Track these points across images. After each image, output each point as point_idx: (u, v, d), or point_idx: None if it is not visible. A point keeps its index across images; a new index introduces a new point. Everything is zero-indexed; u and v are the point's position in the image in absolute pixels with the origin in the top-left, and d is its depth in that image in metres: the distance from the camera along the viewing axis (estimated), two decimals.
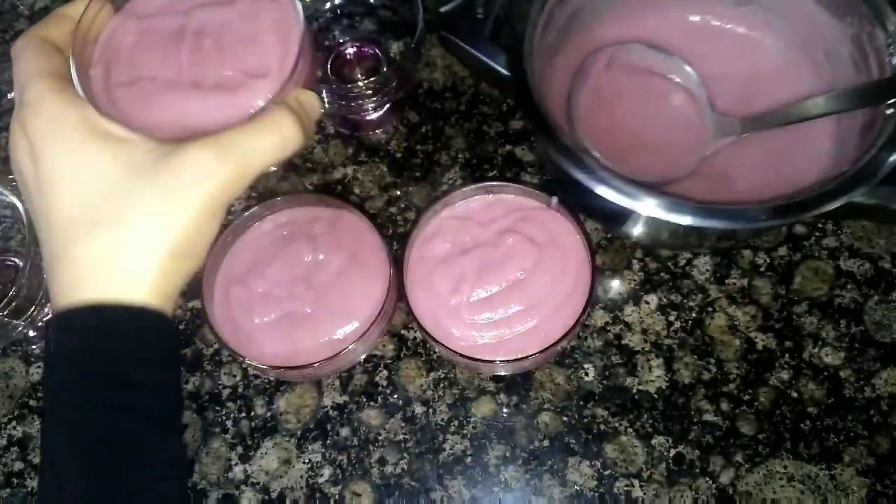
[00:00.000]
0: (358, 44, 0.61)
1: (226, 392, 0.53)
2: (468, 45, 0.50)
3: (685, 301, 0.53)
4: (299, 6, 0.39)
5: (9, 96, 0.59)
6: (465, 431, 0.51)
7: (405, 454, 0.51)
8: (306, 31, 0.38)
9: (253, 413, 0.52)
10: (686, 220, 0.41)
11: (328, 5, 0.60)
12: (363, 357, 0.52)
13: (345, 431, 0.51)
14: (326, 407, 0.52)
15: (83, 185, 0.32)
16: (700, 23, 0.55)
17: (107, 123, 0.34)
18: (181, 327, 0.55)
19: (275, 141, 0.34)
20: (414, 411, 0.52)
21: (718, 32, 0.55)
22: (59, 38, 0.36)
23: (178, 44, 0.39)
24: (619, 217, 0.46)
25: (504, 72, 0.48)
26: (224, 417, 0.52)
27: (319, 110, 0.38)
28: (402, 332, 0.54)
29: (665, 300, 0.53)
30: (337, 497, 0.50)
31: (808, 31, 0.51)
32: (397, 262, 0.48)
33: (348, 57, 0.61)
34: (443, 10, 0.51)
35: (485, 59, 0.50)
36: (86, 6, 0.38)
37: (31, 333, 0.55)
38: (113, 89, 0.38)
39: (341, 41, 0.61)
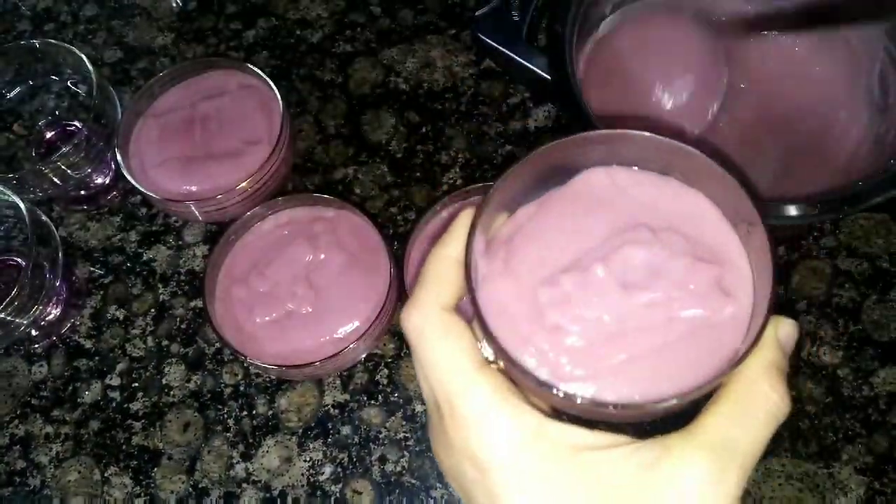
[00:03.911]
0: (54, 124, 0.61)
1: (227, 391, 0.53)
2: (505, 48, 0.50)
3: None
4: (276, 91, 0.52)
5: (9, 96, 0.59)
6: None
7: (406, 452, 0.51)
8: (285, 108, 0.52)
9: (254, 411, 0.52)
10: None
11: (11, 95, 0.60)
12: (364, 356, 0.52)
13: (346, 430, 0.52)
14: (327, 405, 0.52)
15: None
16: None
17: (561, 429, 0.26)
18: (183, 326, 0.55)
19: (768, 423, 0.26)
20: (414, 410, 0.52)
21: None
22: (453, 297, 0.29)
23: (191, 129, 0.53)
24: None
25: (542, 74, 0.48)
26: (226, 416, 0.52)
27: (795, 340, 0.29)
28: None
29: None
30: (338, 495, 0.50)
31: None
32: (397, 262, 0.48)
33: (48, 137, 0.61)
34: (478, 13, 0.51)
35: (522, 61, 0.49)
36: (466, 240, 0.29)
37: (34, 333, 0.55)
38: (147, 171, 0.52)
39: (37, 127, 0.61)
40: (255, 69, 0.54)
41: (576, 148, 0.29)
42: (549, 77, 0.47)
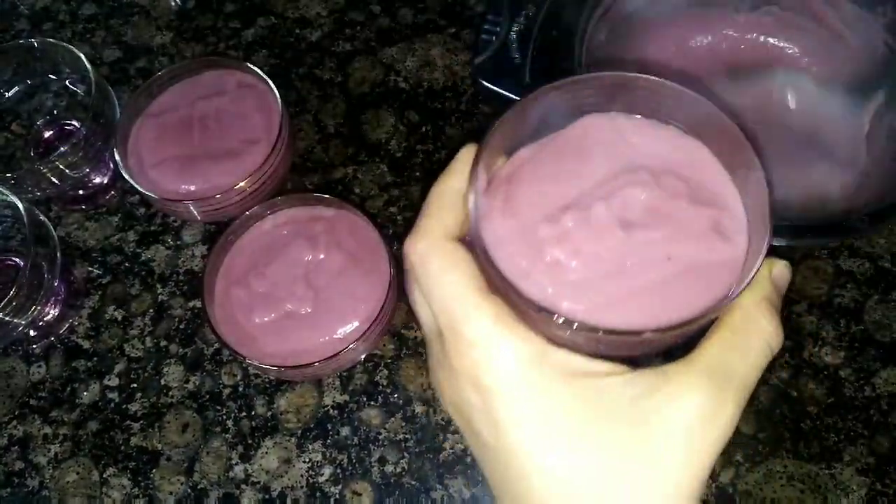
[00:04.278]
0: (52, 124, 0.61)
1: (226, 391, 0.53)
2: (511, 93, 0.49)
3: None
4: (275, 90, 0.52)
5: (7, 95, 0.59)
6: None
7: (405, 453, 0.51)
8: (284, 107, 0.52)
9: (253, 412, 0.52)
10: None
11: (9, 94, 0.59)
12: (363, 356, 0.52)
13: (345, 431, 0.51)
14: (327, 406, 0.52)
15: (560, 449, 0.25)
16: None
17: (563, 356, 0.26)
18: (181, 327, 0.55)
19: (763, 352, 0.27)
20: (414, 411, 0.52)
21: None
22: (456, 227, 0.29)
23: (189, 128, 0.53)
24: None
25: None
26: (224, 417, 0.52)
27: (788, 280, 0.30)
28: (403, 331, 0.54)
29: None
30: (337, 496, 0.50)
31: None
32: (397, 262, 0.48)
33: (46, 136, 0.61)
34: (477, 61, 0.51)
35: None
36: (472, 168, 0.29)
37: (32, 333, 0.55)
38: (147, 171, 0.52)
39: (35, 126, 0.60)
40: (254, 68, 0.53)
41: (577, 90, 0.30)
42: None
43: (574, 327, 0.25)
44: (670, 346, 0.28)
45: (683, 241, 0.28)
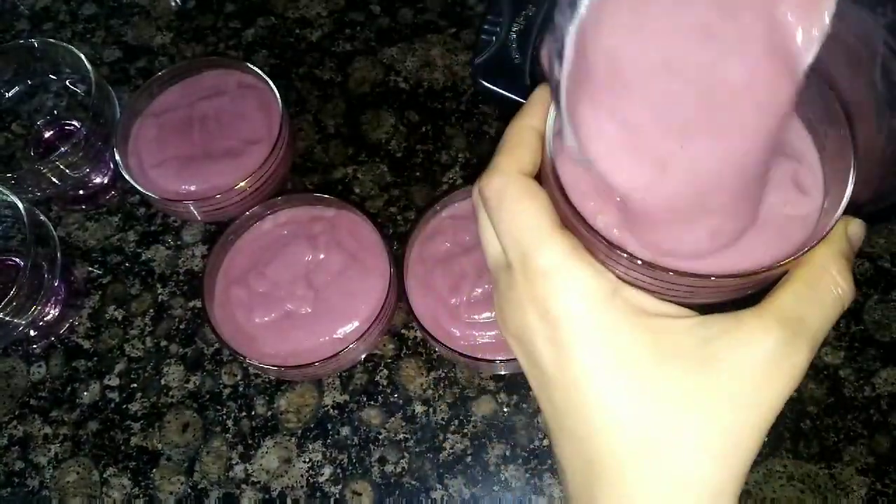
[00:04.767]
0: (53, 124, 0.61)
1: (226, 391, 0.53)
2: (510, 93, 0.49)
3: None
4: (275, 90, 0.52)
5: (7, 95, 0.59)
6: (465, 430, 0.51)
7: (405, 453, 0.51)
8: (284, 107, 0.52)
9: (253, 412, 0.52)
10: None
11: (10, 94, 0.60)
12: (363, 356, 0.52)
13: (345, 431, 0.51)
14: (327, 406, 0.52)
15: (623, 384, 0.25)
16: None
17: (635, 294, 0.26)
18: (182, 327, 0.55)
19: (836, 305, 0.27)
20: (414, 410, 0.52)
21: None
22: (531, 164, 0.29)
23: (189, 129, 0.53)
24: None
25: None
26: (225, 416, 0.52)
27: (862, 238, 0.29)
28: (403, 331, 0.54)
29: None
30: (337, 496, 0.50)
31: None
32: (397, 262, 0.48)
33: (46, 136, 0.61)
34: (477, 61, 0.50)
35: None
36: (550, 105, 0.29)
37: (32, 333, 0.55)
38: (147, 171, 0.52)
39: (36, 126, 0.61)
40: (255, 68, 0.53)
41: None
42: None
43: (640, 264, 0.25)
44: (739, 297, 0.27)
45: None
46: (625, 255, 0.25)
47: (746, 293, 0.27)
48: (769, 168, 0.27)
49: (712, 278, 0.25)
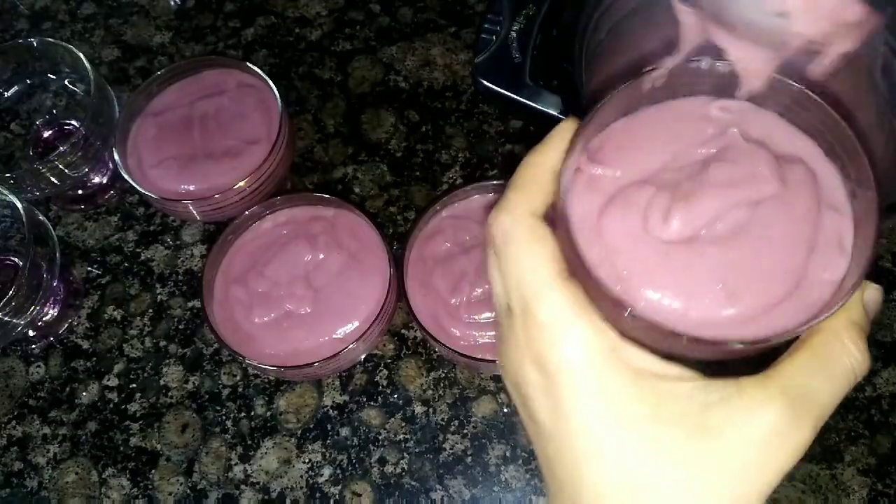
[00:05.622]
0: (52, 123, 0.61)
1: (226, 392, 0.53)
2: (510, 92, 0.49)
3: None
4: (275, 90, 0.52)
5: (6, 95, 0.59)
6: (465, 431, 0.51)
7: (405, 454, 0.50)
8: (283, 107, 0.51)
9: (253, 413, 0.52)
10: None
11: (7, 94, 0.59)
12: (363, 357, 0.52)
13: (345, 431, 0.51)
14: (326, 406, 0.52)
15: (618, 445, 0.24)
16: None
17: (636, 353, 0.25)
18: (181, 327, 0.55)
19: (846, 377, 0.25)
20: (414, 411, 0.51)
21: None
22: (543, 204, 0.28)
23: (189, 128, 0.53)
24: None
25: (556, 115, 0.47)
26: (224, 417, 0.52)
27: (879, 305, 0.28)
28: (402, 331, 0.54)
29: None
30: (337, 497, 0.50)
31: None
32: (397, 262, 0.48)
33: (45, 136, 0.61)
34: (477, 60, 0.50)
35: (533, 104, 0.48)
36: (569, 146, 0.27)
37: (31, 333, 0.54)
38: (146, 171, 0.52)
39: (35, 126, 0.60)
40: (254, 68, 0.53)
41: (694, 78, 0.28)
42: (563, 118, 0.47)
43: (642, 322, 0.24)
44: (743, 359, 0.26)
45: (798, 252, 0.25)
46: (628, 312, 0.24)
47: (754, 357, 0.26)
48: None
49: (717, 343, 0.24)
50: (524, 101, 0.49)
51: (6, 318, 0.49)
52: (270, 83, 0.52)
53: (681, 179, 0.27)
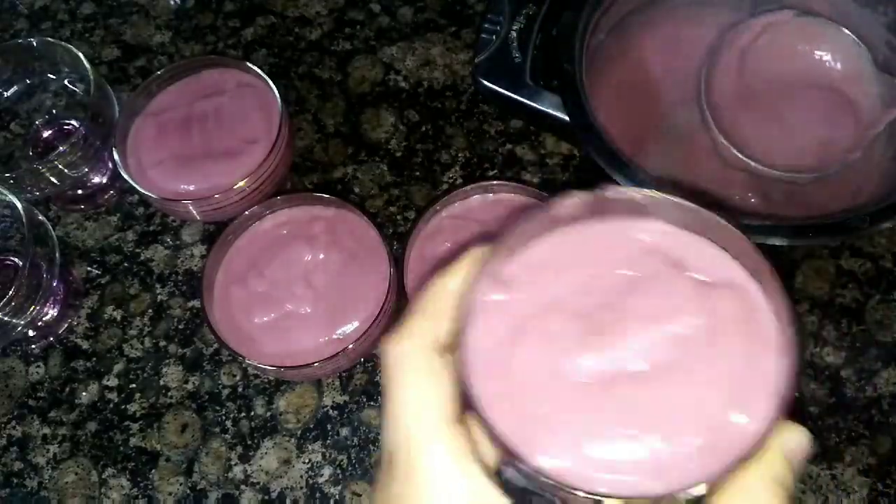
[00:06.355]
0: (51, 123, 0.61)
1: (225, 392, 0.53)
2: (511, 92, 0.49)
3: None
4: (275, 89, 0.52)
5: (6, 94, 0.59)
6: None
7: None
8: (283, 107, 0.51)
9: (253, 413, 0.52)
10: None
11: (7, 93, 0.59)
12: (363, 357, 0.52)
13: (345, 431, 0.51)
14: (326, 407, 0.52)
15: None
16: None
17: (497, 499, 0.24)
18: (180, 327, 0.55)
19: None
20: None
21: None
22: (445, 333, 0.26)
23: (188, 128, 0.53)
24: None
25: (556, 115, 0.47)
26: (224, 417, 0.52)
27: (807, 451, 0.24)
28: None
29: None
30: (337, 497, 0.49)
31: None
32: (397, 262, 0.48)
33: (45, 136, 0.61)
34: (477, 60, 0.51)
35: (533, 104, 0.48)
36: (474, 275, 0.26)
37: (31, 333, 0.54)
38: (146, 171, 0.51)
39: (34, 126, 0.60)
40: (254, 67, 0.53)
41: (604, 204, 0.26)
42: (564, 118, 0.46)
43: (539, 479, 0.22)
44: None
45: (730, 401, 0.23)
46: (517, 463, 0.23)
47: None
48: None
49: (632, 499, 0.22)
50: (524, 100, 0.49)
51: (6, 318, 0.49)
52: (270, 83, 0.52)
53: (596, 307, 0.25)
